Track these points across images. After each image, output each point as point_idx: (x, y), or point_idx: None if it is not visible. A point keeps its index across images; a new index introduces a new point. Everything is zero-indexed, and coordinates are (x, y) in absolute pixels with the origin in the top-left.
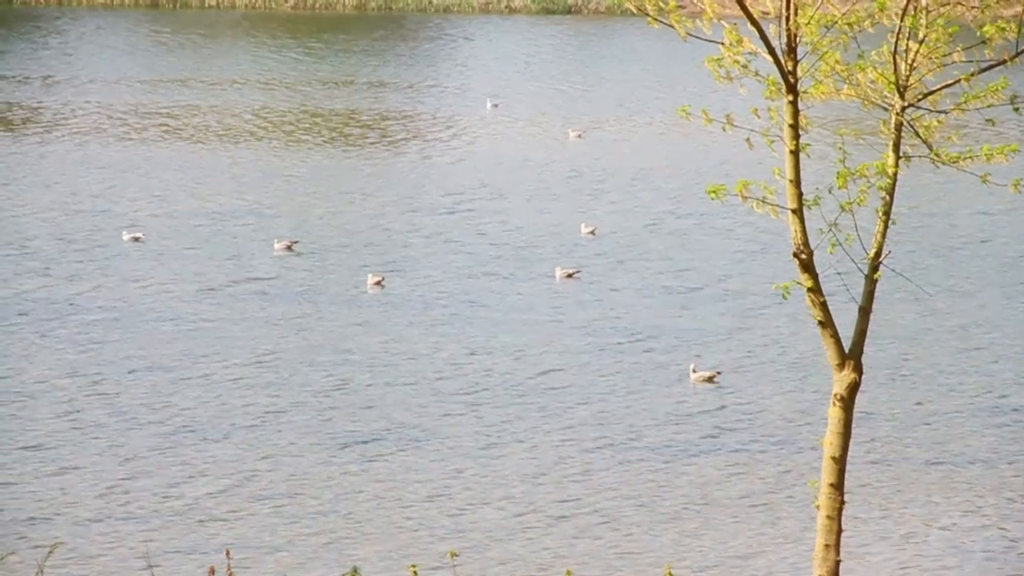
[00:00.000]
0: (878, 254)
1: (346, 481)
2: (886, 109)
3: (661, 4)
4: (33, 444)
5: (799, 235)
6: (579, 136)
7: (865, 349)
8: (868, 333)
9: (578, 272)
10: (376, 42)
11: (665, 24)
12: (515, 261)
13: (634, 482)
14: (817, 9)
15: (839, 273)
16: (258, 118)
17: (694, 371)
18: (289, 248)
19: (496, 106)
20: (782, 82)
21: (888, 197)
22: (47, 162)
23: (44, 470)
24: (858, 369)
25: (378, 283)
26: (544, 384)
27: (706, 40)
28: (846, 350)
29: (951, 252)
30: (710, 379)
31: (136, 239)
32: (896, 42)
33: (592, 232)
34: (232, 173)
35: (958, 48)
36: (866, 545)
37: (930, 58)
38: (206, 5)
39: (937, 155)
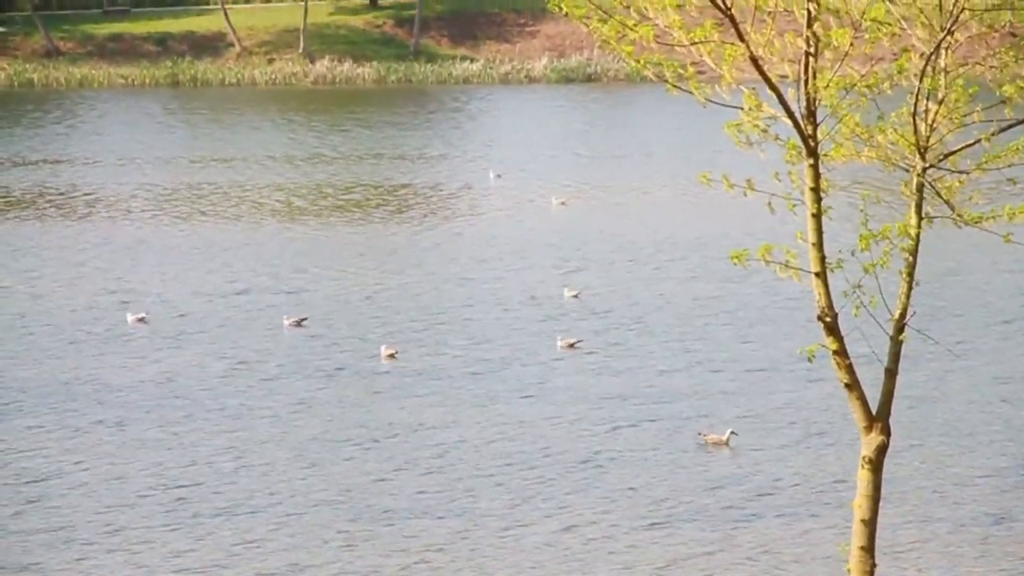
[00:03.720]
0: (903, 315)
1: (367, 557)
2: (907, 170)
3: (680, 71)
4: (43, 527)
5: (823, 298)
6: (563, 204)
7: (892, 411)
8: (895, 394)
9: (580, 342)
10: (393, 116)
11: (684, 91)
12: (514, 330)
13: (660, 550)
14: (836, 72)
15: (864, 335)
16: (271, 194)
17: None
18: (299, 324)
19: (499, 176)
20: (802, 145)
21: (911, 258)
22: (74, 243)
23: (59, 553)
24: (886, 431)
25: (391, 355)
26: (565, 456)
27: (725, 105)
28: (873, 412)
29: (976, 312)
30: (726, 442)
31: (141, 320)
32: (916, 103)
33: (576, 296)
34: (242, 249)
35: (978, 108)
36: None
37: (950, 118)
38: (226, 82)
39: (959, 215)
